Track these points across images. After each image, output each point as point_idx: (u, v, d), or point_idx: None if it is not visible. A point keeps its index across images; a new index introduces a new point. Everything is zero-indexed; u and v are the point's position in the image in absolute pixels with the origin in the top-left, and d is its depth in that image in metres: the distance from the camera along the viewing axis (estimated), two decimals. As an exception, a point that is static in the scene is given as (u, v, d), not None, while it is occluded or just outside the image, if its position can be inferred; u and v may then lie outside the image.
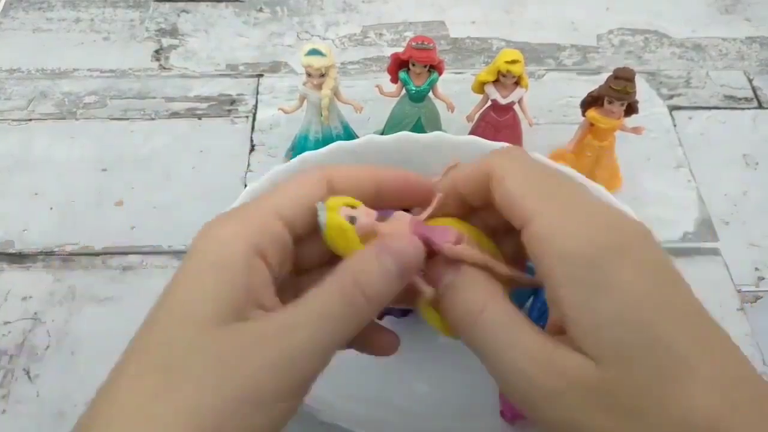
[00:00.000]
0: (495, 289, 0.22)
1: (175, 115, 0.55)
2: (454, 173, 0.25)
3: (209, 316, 0.19)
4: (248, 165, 0.51)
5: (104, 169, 0.51)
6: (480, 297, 0.22)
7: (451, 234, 0.24)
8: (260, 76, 0.58)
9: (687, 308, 0.20)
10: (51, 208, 0.48)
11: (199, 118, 0.54)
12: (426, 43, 0.43)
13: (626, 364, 0.19)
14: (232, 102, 0.56)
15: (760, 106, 0.56)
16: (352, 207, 0.23)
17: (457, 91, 0.47)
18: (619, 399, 0.19)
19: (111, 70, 0.58)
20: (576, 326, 0.20)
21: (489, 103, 0.47)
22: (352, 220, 0.23)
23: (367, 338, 0.25)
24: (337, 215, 0.22)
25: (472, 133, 0.48)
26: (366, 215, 0.23)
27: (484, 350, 0.21)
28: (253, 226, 0.21)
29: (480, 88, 0.46)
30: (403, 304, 0.24)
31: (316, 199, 0.23)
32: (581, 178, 0.41)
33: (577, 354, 0.20)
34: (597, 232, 0.20)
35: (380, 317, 0.33)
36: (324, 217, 0.22)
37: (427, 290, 0.23)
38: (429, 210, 0.25)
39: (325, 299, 0.20)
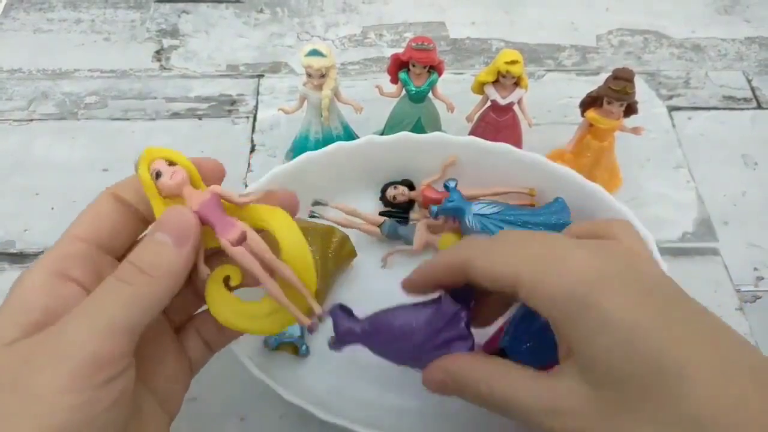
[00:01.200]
0: (475, 356, 0.28)
1: (175, 115, 0.55)
2: (423, 270, 0.30)
3: (6, 339, 0.21)
4: (249, 165, 0.51)
5: (105, 170, 0.51)
6: (475, 375, 0.27)
7: (234, 231, 0.23)
8: (260, 76, 0.58)
9: (677, 319, 0.22)
10: (52, 208, 0.49)
11: (200, 119, 0.55)
12: (426, 43, 0.43)
13: (620, 386, 0.22)
14: (233, 102, 0.56)
15: (759, 107, 0.56)
16: (171, 163, 0.23)
17: (456, 92, 0.47)
18: (619, 416, 0.22)
19: (112, 71, 0.58)
20: (579, 358, 0.24)
21: (488, 103, 0.47)
22: (158, 175, 0.23)
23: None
24: (143, 167, 0.23)
25: (471, 133, 0.48)
26: (172, 176, 0.23)
27: (500, 409, 0.26)
28: (52, 255, 0.23)
29: (479, 88, 0.46)
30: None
31: (107, 212, 0.24)
32: (581, 178, 0.41)
33: (569, 379, 0.24)
34: (574, 272, 0.24)
35: None
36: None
37: (202, 271, 0.24)
38: (240, 196, 0.25)
39: (101, 286, 0.22)
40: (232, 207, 0.25)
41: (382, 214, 0.45)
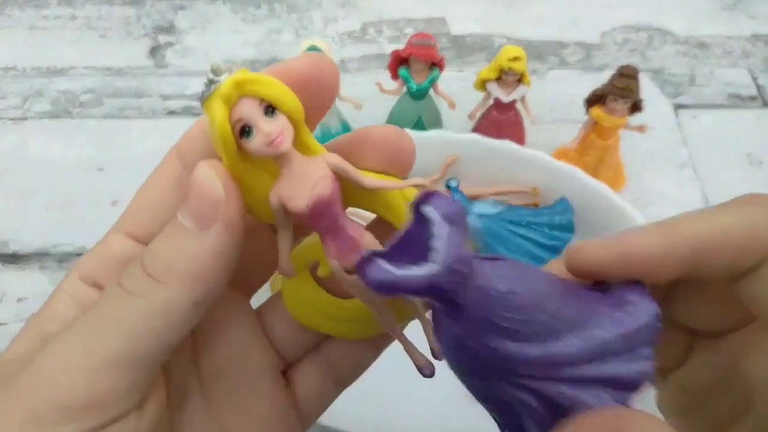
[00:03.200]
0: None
1: (171, 113, 0.54)
2: (683, 225, 0.16)
3: (15, 353, 0.17)
4: (246, 164, 0.50)
5: (100, 169, 0.50)
6: None
7: (355, 255, 0.16)
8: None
9: None
10: (47, 208, 0.48)
11: (196, 117, 0.54)
12: (426, 39, 0.43)
13: None
14: (230, 100, 0.55)
15: (765, 105, 0.55)
16: (269, 107, 0.15)
17: (458, 89, 0.47)
18: None
19: (107, 68, 0.57)
20: None
21: (491, 101, 0.46)
22: (246, 130, 0.14)
23: None
24: (221, 107, 0.14)
25: (474, 131, 0.48)
26: (271, 142, 0.14)
27: None
28: (91, 254, 0.18)
29: (482, 85, 0.46)
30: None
31: (170, 191, 0.17)
32: (585, 177, 0.40)
33: None
34: None
35: None
36: (205, 98, 0.14)
37: (285, 269, 0.17)
38: (365, 175, 0.16)
39: (100, 298, 0.16)
40: (347, 185, 0.16)
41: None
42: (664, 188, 0.49)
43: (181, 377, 0.18)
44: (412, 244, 0.13)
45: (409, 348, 0.18)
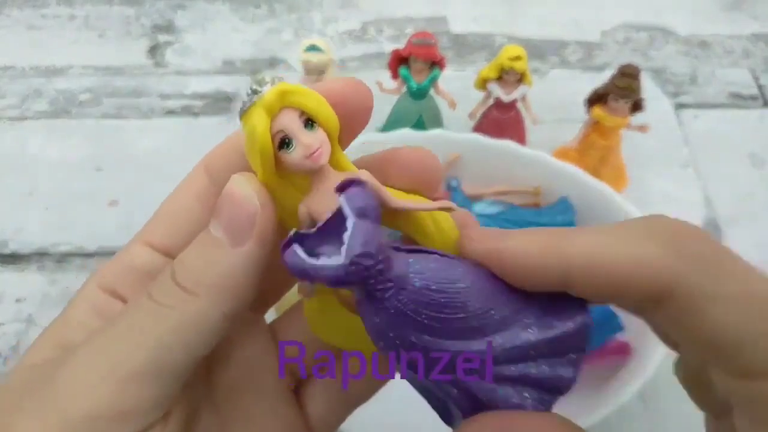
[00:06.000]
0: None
1: (170, 113, 0.54)
2: (569, 243, 0.15)
3: (34, 359, 0.16)
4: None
5: (99, 169, 0.50)
6: None
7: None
8: (257, 73, 0.57)
9: None
10: (45, 208, 0.48)
11: (196, 116, 0.54)
12: (427, 39, 0.43)
13: None
14: (229, 99, 0.55)
15: (766, 104, 0.55)
16: (310, 120, 0.15)
17: (458, 88, 0.47)
18: None
19: (106, 68, 0.57)
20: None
21: (492, 100, 0.46)
22: (287, 142, 0.14)
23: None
24: (264, 118, 0.14)
25: (474, 130, 0.47)
26: (311, 154, 0.14)
27: None
28: (113, 263, 0.17)
29: (482, 84, 0.46)
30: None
31: (194, 204, 0.17)
32: (587, 177, 0.40)
33: None
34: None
35: None
36: (242, 113, 0.15)
37: (303, 289, 0.17)
38: (395, 197, 0.16)
39: (127, 308, 0.16)
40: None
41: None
42: (666, 188, 0.49)
43: (194, 395, 0.17)
44: (335, 229, 0.14)
45: None
